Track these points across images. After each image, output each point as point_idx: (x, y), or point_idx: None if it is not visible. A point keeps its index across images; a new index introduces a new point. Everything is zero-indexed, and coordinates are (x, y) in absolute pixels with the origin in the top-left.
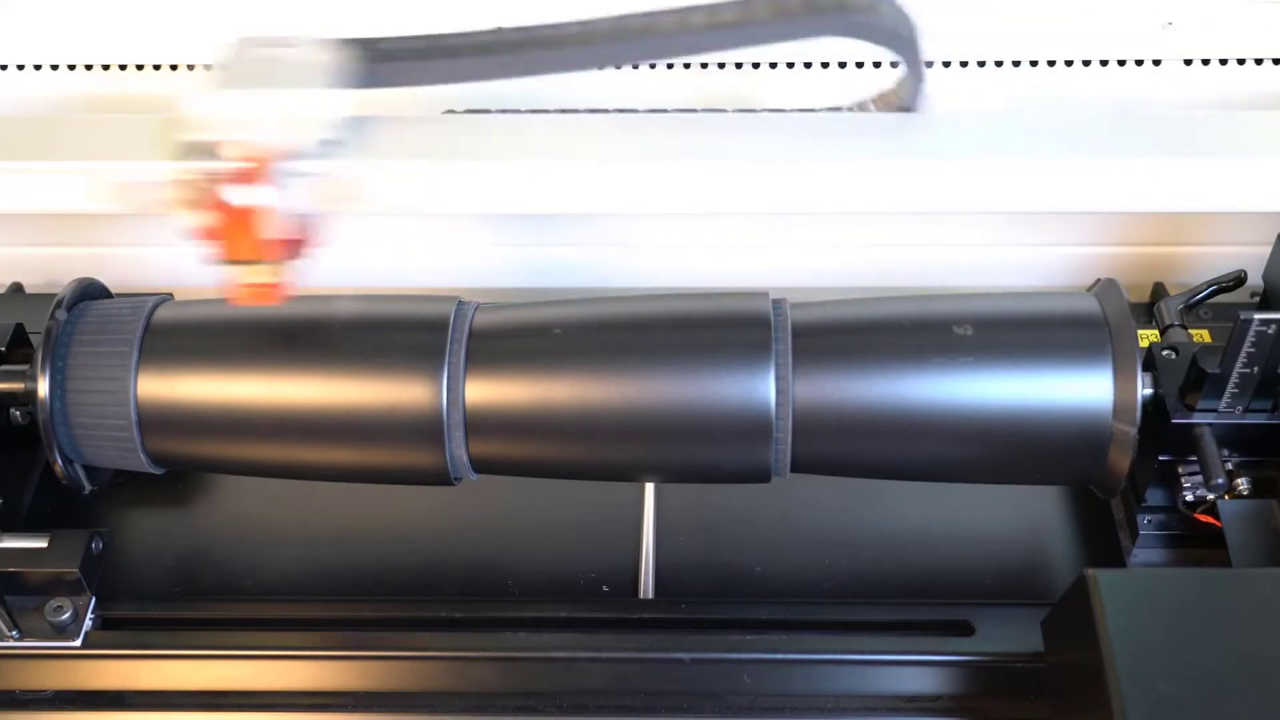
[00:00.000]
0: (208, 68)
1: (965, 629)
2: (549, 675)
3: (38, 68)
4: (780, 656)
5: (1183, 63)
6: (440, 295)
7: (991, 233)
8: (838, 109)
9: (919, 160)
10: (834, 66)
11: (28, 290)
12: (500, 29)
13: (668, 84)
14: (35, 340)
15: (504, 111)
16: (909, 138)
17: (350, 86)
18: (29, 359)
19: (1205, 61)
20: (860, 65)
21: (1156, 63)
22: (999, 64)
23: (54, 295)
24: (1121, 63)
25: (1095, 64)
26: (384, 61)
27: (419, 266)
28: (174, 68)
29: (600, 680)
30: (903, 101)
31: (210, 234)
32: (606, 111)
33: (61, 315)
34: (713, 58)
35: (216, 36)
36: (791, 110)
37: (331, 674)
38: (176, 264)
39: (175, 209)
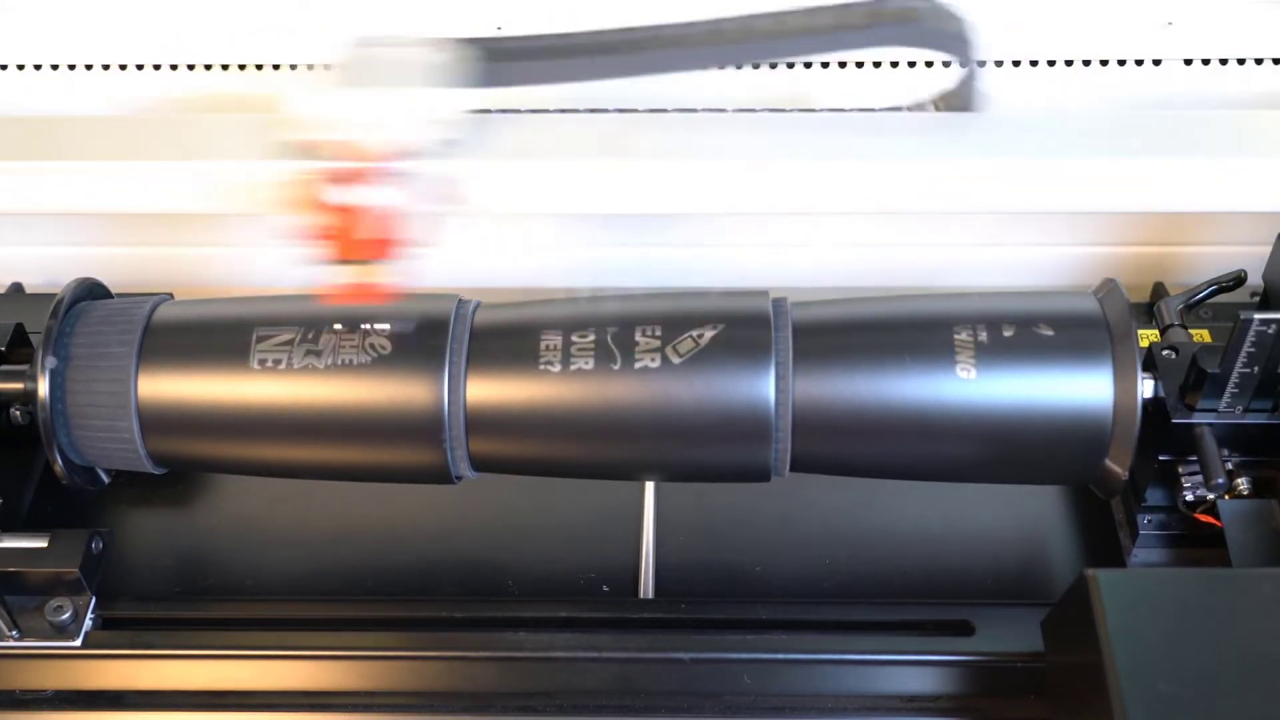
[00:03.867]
0: (324, 67)
1: (965, 629)
2: (549, 675)
3: (139, 67)
4: (780, 656)
5: (1183, 63)
6: (440, 294)
7: (991, 233)
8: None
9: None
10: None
11: (28, 290)
12: (613, 29)
13: (730, 85)
14: (35, 340)
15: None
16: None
17: (465, 86)
18: (29, 359)
19: (1205, 61)
20: (895, 65)
21: (1156, 62)
22: (999, 64)
23: (54, 295)
24: (1121, 62)
25: (1095, 64)
26: (499, 61)
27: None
28: (276, 67)
29: (600, 680)
30: (964, 102)
31: (315, 234)
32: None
33: (61, 316)
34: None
35: (324, 36)
36: (850, 110)
37: (331, 674)
38: (176, 264)
39: (280, 209)
